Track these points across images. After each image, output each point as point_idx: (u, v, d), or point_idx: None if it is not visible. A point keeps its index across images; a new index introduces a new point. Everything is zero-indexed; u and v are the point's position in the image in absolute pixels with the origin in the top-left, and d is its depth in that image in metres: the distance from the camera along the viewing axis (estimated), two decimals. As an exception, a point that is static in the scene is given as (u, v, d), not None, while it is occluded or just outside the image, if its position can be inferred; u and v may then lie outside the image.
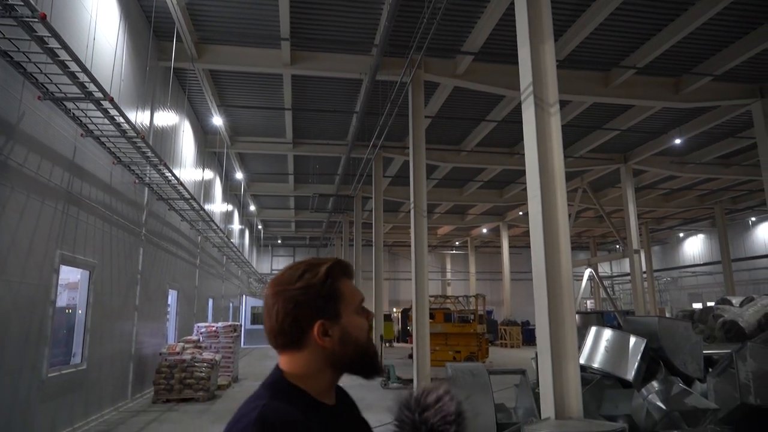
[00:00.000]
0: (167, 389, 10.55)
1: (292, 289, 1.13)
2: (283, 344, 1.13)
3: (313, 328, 1.12)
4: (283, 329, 1.12)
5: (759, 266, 29.32)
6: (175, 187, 10.97)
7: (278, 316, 1.12)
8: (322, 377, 1.14)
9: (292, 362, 1.14)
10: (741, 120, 15.52)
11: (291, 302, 1.12)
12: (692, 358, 6.85)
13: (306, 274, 1.15)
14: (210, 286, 19.62)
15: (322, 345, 1.12)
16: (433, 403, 1.14)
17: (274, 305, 1.13)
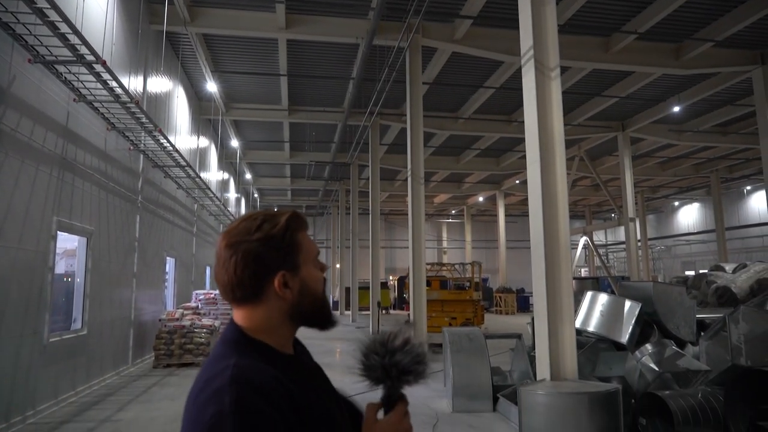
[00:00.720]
0: (167, 354, 10.68)
1: (251, 240, 1.08)
2: (241, 298, 1.09)
3: (273, 280, 1.09)
4: (242, 282, 1.08)
5: (752, 235, 29.59)
6: (170, 154, 10.88)
7: (236, 268, 1.07)
8: (282, 330, 1.12)
9: (251, 316, 1.10)
10: (740, 87, 15.39)
11: (250, 254, 1.08)
12: (685, 322, 6.98)
13: (265, 225, 1.11)
14: (207, 255, 19.68)
15: (283, 297, 1.10)
16: (402, 345, 1.12)
17: (231, 257, 1.08)
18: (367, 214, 20.22)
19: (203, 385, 0.99)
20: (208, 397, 0.97)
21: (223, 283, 1.10)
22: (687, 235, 34.57)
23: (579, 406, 5.16)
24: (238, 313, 1.12)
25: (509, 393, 6.94)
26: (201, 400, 0.97)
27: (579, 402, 5.17)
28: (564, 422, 5.15)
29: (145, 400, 7.82)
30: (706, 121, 18.38)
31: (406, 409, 1.15)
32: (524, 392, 5.41)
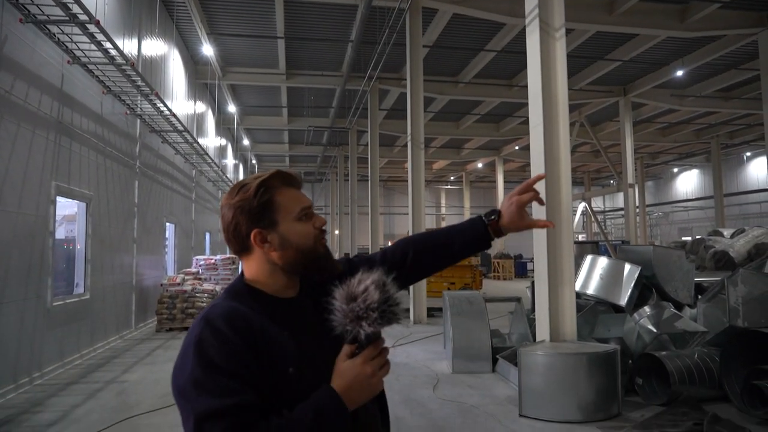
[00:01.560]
0: (170, 318, 10.80)
1: (232, 203, 1.25)
2: (236, 251, 1.28)
3: (250, 237, 1.24)
4: (230, 238, 1.27)
5: (750, 201, 29.65)
6: (167, 119, 10.75)
7: (227, 226, 1.26)
8: (276, 277, 1.26)
9: (248, 267, 1.28)
10: (745, 51, 15.13)
11: (228, 216, 1.25)
12: (683, 285, 7.05)
13: (240, 191, 1.25)
14: (207, 221, 19.68)
15: (263, 251, 1.24)
16: (361, 292, 1.12)
17: (222, 217, 1.28)
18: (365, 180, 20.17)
19: (194, 323, 1.18)
20: (191, 328, 1.15)
21: (225, 237, 1.30)
22: (685, 202, 34.63)
23: (577, 367, 5.26)
24: (242, 264, 1.30)
25: (508, 354, 7.05)
26: (189, 332, 1.15)
27: (577, 362, 5.27)
28: (562, 382, 5.25)
29: (150, 362, 7.94)
30: (709, 85, 18.15)
31: (377, 352, 1.15)
32: (524, 353, 5.50)
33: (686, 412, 5.24)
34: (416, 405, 5.75)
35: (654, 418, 5.17)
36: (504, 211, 1.47)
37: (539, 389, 5.32)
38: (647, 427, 4.89)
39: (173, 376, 1.09)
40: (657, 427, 4.88)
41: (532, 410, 5.29)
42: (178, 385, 1.07)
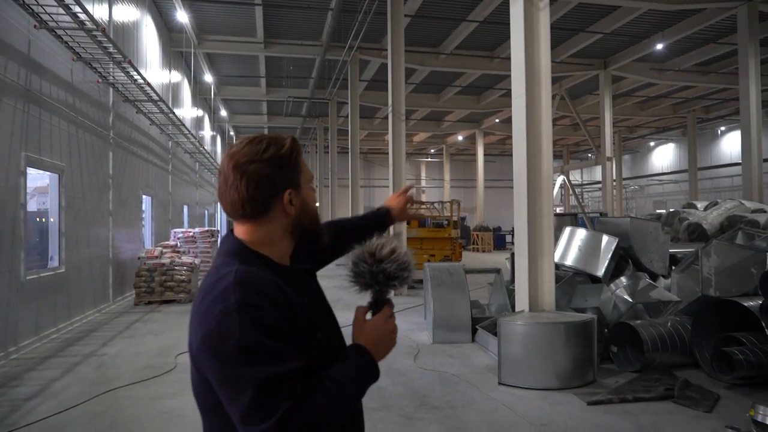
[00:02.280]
0: (148, 292, 10.69)
1: (261, 161, 1.16)
2: (250, 214, 1.18)
3: (281, 196, 1.19)
4: (254, 199, 1.17)
5: (723, 175, 30.27)
6: (141, 88, 10.43)
7: (248, 186, 1.16)
8: (281, 244, 1.23)
9: (254, 231, 1.20)
10: (724, 25, 15.23)
11: (260, 173, 1.16)
12: (658, 256, 7.20)
13: (272, 147, 1.19)
14: (184, 193, 19.37)
15: (287, 213, 1.20)
16: (389, 254, 1.23)
17: (241, 177, 1.16)
18: (345, 153, 20.00)
19: (209, 288, 1.10)
20: (214, 297, 1.07)
21: (231, 201, 1.18)
22: (660, 175, 35.27)
23: (555, 336, 5.37)
24: (242, 228, 1.22)
25: (487, 325, 7.17)
26: (208, 300, 1.08)
27: (555, 332, 5.38)
28: (541, 351, 5.37)
29: (129, 335, 7.88)
30: (688, 59, 18.29)
31: (392, 311, 1.27)
32: (504, 323, 5.59)
33: (658, 378, 5.41)
34: (397, 375, 5.83)
35: (628, 384, 5.33)
36: (394, 206, 1.78)
37: (518, 358, 5.43)
38: (621, 392, 5.05)
39: (209, 345, 1.04)
40: (630, 392, 5.04)
41: (511, 378, 5.41)
42: (223, 353, 1.02)
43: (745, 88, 13.15)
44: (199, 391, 1.13)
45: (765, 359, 4.88)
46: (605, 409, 4.69)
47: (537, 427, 4.32)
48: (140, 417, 4.59)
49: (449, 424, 4.41)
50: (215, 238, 14.35)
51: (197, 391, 1.15)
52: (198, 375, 1.11)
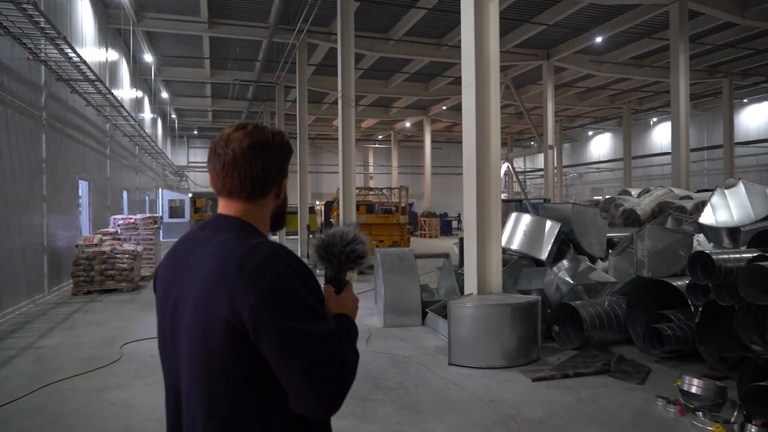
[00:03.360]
0: (87, 281, 10.24)
1: (275, 146, 1.28)
2: (258, 194, 1.28)
3: (281, 182, 1.32)
4: (265, 180, 1.27)
5: (654, 163, 32.06)
6: (77, 66, 9.89)
7: (264, 167, 1.26)
8: (266, 226, 1.33)
9: (251, 211, 1.28)
10: (657, 20, 16.01)
11: (275, 156, 1.28)
12: (597, 240, 7.60)
13: (278, 136, 1.30)
14: (123, 178, 18.56)
15: (278, 197, 1.33)
16: (353, 238, 1.38)
17: (257, 157, 1.25)
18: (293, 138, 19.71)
19: (243, 259, 1.14)
20: (258, 264, 1.13)
21: (240, 178, 1.24)
22: (597, 163, 36.93)
23: (502, 317, 5.60)
24: (237, 207, 1.27)
25: (437, 308, 7.36)
26: (250, 268, 1.12)
27: (502, 313, 5.61)
28: (488, 331, 5.58)
29: (69, 326, 7.55)
30: (624, 53, 19.13)
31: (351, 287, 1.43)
32: (453, 305, 5.76)
33: (596, 354, 5.76)
34: (350, 358, 5.89)
35: (569, 360, 5.64)
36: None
37: (467, 339, 5.62)
38: (563, 368, 5.34)
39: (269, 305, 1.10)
40: (571, 368, 5.34)
41: (461, 359, 5.60)
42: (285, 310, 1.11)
43: (675, 82, 13.94)
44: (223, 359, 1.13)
45: (691, 334, 5.29)
46: (549, 385, 4.95)
47: (486, 403, 4.52)
48: (87, 409, 4.45)
49: (402, 403, 4.54)
50: (158, 225, 13.87)
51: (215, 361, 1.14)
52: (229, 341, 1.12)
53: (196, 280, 1.19)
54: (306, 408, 1.14)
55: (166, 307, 1.27)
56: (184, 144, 37.62)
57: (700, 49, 18.26)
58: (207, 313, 1.14)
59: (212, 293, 1.14)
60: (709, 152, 27.94)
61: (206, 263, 1.19)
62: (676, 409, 4.21)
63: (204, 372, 1.16)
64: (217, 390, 1.15)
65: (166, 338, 1.27)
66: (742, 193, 5.78)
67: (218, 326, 1.12)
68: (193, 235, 1.31)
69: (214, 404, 1.15)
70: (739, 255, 4.62)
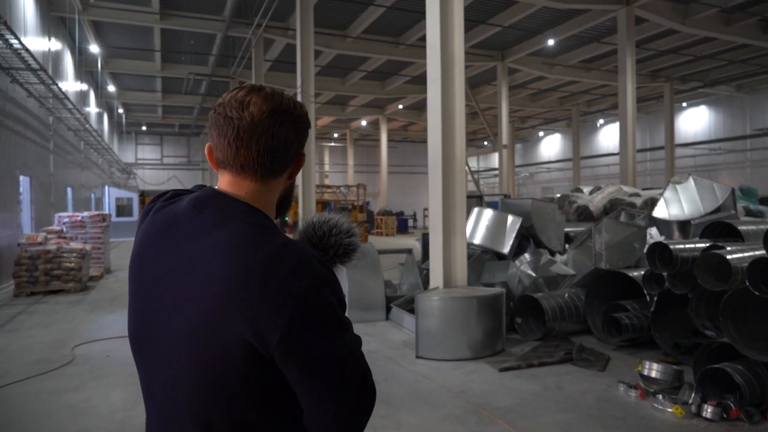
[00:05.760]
0: (31, 281, 9.68)
1: (298, 116, 1.06)
2: (277, 170, 1.06)
3: (299, 159, 1.10)
4: (286, 155, 1.06)
5: (601, 164, 33.36)
6: (18, 54, 9.33)
7: (286, 138, 1.04)
8: (273, 213, 1.12)
9: (265, 192, 1.07)
10: (606, 26, 16.67)
11: (298, 129, 1.06)
12: (556, 235, 7.82)
13: (299, 106, 1.08)
14: (68, 174, 17.68)
15: (291, 177, 1.13)
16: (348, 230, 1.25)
17: (279, 126, 1.03)
18: (250, 135, 19.25)
19: (267, 268, 0.95)
20: (288, 274, 0.95)
21: (257, 150, 1.02)
22: (548, 163, 38.11)
23: (468, 310, 5.66)
24: (250, 186, 1.06)
25: (401, 303, 7.38)
26: (277, 280, 0.94)
27: (468, 306, 5.67)
28: (455, 324, 5.64)
29: (13, 329, 7.11)
30: (574, 56, 19.82)
31: None
32: (421, 298, 5.79)
33: (558, 344, 5.92)
34: (316, 354, 5.82)
35: (532, 351, 5.78)
36: None
37: (434, 332, 5.66)
38: (528, 358, 5.46)
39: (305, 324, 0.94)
40: (536, 358, 5.47)
41: (428, 352, 5.63)
42: (323, 329, 0.96)
43: (623, 85, 14.56)
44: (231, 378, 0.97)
45: (646, 323, 5.52)
46: (515, 374, 5.05)
47: (456, 394, 4.56)
48: (40, 413, 4.19)
49: (373, 397, 4.51)
50: (107, 223, 13.28)
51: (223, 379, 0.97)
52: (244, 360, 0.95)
53: (197, 281, 0.98)
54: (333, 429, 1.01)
55: (147, 302, 1.06)
56: (132, 140, 36.21)
57: (644, 54, 19.14)
58: (214, 324, 0.95)
59: (225, 303, 0.94)
60: (651, 153, 29.32)
61: (214, 263, 0.97)
62: (637, 393, 4.38)
63: (200, 386, 0.99)
64: (214, 410, 1.00)
65: (141, 333, 1.08)
66: (692, 189, 6.08)
67: (230, 343, 0.95)
68: (184, 213, 1.05)
69: (210, 422, 1.00)
70: (694, 245, 4.85)
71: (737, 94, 25.08)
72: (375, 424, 3.97)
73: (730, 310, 4.15)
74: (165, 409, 1.05)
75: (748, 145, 25.74)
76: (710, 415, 3.86)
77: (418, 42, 17.05)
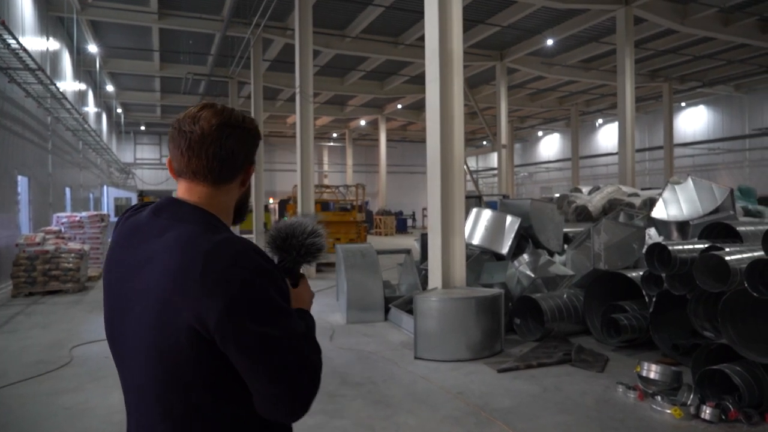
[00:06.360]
0: (29, 282, 9.66)
1: (246, 128, 1.20)
2: (225, 177, 1.19)
3: (248, 168, 1.24)
4: (234, 163, 1.19)
5: (600, 163, 33.36)
6: (16, 53, 9.31)
7: (233, 149, 1.17)
8: (230, 217, 1.26)
9: (217, 197, 1.20)
10: (605, 25, 16.64)
11: (245, 139, 1.20)
12: (554, 235, 7.82)
13: (248, 120, 1.22)
14: (67, 175, 17.65)
15: (243, 185, 1.25)
16: (312, 231, 1.33)
17: (227, 137, 1.16)
18: (248, 135, 19.22)
19: (207, 259, 1.05)
20: (226, 265, 1.05)
21: (208, 158, 1.16)
22: (547, 163, 38.11)
23: (467, 310, 5.66)
24: (203, 191, 1.18)
25: (400, 303, 7.37)
26: (216, 270, 1.04)
27: (467, 306, 5.67)
28: (453, 325, 5.63)
29: (11, 329, 7.09)
30: (573, 56, 19.81)
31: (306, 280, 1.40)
32: (419, 299, 5.78)
33: (556, 345, 5.92)
34: (315, 355, 5.82)
35: (531, 352, 5.77)
36: None
37: (433, 333, 5.65)
38: (526, 359, 5.46)
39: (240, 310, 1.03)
40: (534, 359, 5.46)
41: (426, 352, 5.62)
42: (258, 315, 1.04)
43: (622, 85, 14.55)
44: (184, 365, 1.07)
45: (645, 323, 5.52)
46: (514, 375, 5.05)
47: (455, 395, 4.55)
48: (38, 415, 4.18)
49: (372, 398, 4.51)
50: (105, 223, 13.26)
51: (176, 367, 1.07)
52: (192, 347, 1.05)
53: (152, 275, 1.09)
54: (275, 413, 1.10)
55: (114, 300, 1.18)
56: (131, 140, 36.16)
57: (642, 54, 19.13)
58: (166, 315, 1.06)
59: (173, 295, 1.05)
60: (650, 153, 29.33)
61: (164, 258, 1.08)
62: (636, 394, 4.38)
63: (160, 374, 1.09)
64: (173, 393, 1.09)
65: (113, 329, 1.19)
66: (691, 189, 6.08)
67: (179, 331, 1.05)
68: (144, 220, 1.18)
69: (171, 407, 1.10)
70: (692, 246, 4.85)
71: (736, 93, 25.08)
72: (374, 425, 3.97)
73: (729, 311, 4.14)
74: (138, 397, 1.16)
75: (746, 144, 25.76)
76: (709, 416, 3.86)
77: (417, 42, 17.04)
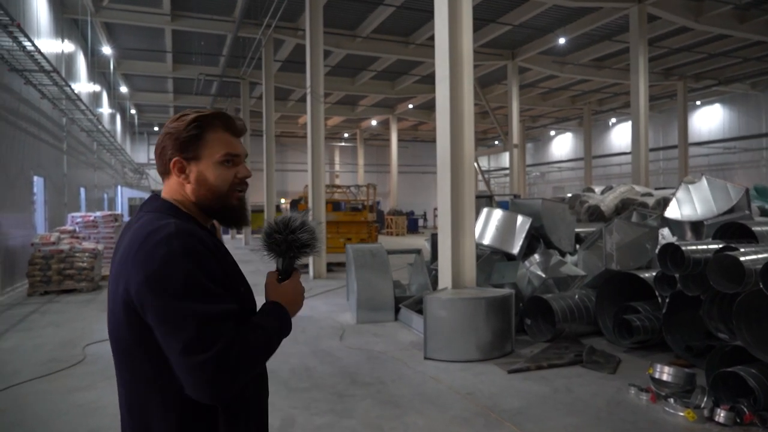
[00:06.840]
0: (44, 281, 9.80)
1: (166, 126, 1.34)
2: (160, 171, 1.35)
3: (171, 162, 1.31)
4: (163, 156, 1.33)
5: (613, 163, 33.05)
6: (31, 56, 9.44)
7: (163, 145, 1.32)
8: (199, 214, 1.33)
9: (169, 188, 1.34)
10: (618, 24, 16.49)
11: (162, 139, 1.33)
12: (566, 235, 7.75)
13: (180, 118, 1.33)
14: (81, 175, 17.87)
15: (179, 180, 1.32)
16: (300, 226, 1.35)
17: (162, 137, 1.34)
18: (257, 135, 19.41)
19: (145, 239, 1.19)
20: (156, 242, 1.16)
21: (156, 157, 1.36)
22: (559, 163, 37.82)
23: (477, 311, 5.63)
24: (164, 185, 1.36)
25: (410, 303, 7.35)
26: (148, 246, 1.17)
27: (477, 306, 5.64)
28: (464, 325, 5.61)
29: (25, 328, 7.19)
30: (586, 55, 19.63)
31: (299, 276, 1.41)
32: (429, 299, 5.76)
33: (568, 346, 5.86)
34: (325, 354, 5.83)
35: (542, 352, 5.73)
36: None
37: (443, 333, 5.63)
38: (537, 360, 5.41)
39: (153, 284, 1.13)
40: (545, 360, 5.42)
41: (436, 353, 5.60)
42: (168, 290, 1.12)
43: (635, 84, 14.39)
44: (124, 333, 1.21)
45: (658, 324, 5.44)
46: (524, 376, 5.01)
47: (464, 396, 4.53)
48: (51, 413, 4.23)
49: (381, 398, 4.50)
50: (119, 223, 13.41)
51: (119, 335, 1.22)
52: (126, 317, 1.18)
53: (115, 259, 1.26)
54: (188, 389, 1.14)
55: (109, 294, 1.31)
56: (145, 140, 36.53)
57: (656, 52, 18.91)
58: (115, 290, 1.21)
59: (118, 271, 1.20)
60: (664, 152, 29.00)
61: (124, 243, 1.25)
62: (648, 396, 4.32)
63: (115, 345, 1.25)
64: (124, 363, 1.24)
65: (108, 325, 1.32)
66: (705, 188, 5.99)
67: (119, 303, 1.19)
68: (133, 217, 1.36)
69: (122, 375, 1.26)
70: (706, 246, 4.78)
71: (752, 92, 24.70)
72: (383, 425, 3.96)
73: (744, 312, 4.07)
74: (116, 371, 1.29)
75: (763, 143, 25.35)
76: (723, 419, 3.79)
77: (428, 41, 17.00)
